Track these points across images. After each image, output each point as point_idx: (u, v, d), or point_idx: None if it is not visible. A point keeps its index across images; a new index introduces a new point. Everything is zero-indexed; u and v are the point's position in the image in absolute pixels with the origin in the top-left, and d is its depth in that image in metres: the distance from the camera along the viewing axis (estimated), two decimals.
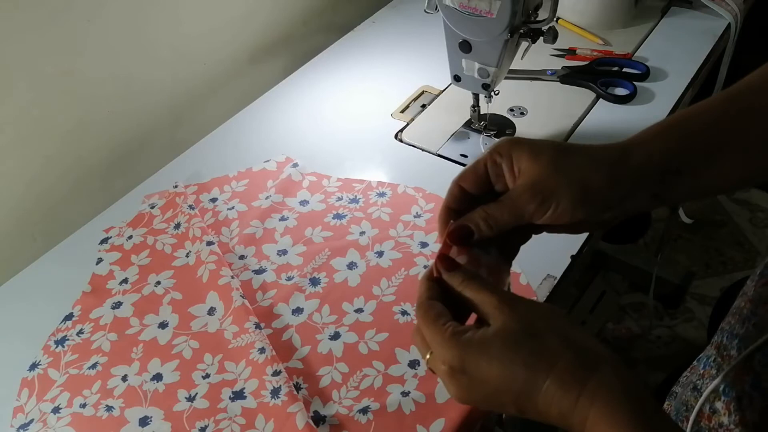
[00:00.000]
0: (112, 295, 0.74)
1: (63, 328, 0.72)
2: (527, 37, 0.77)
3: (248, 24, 1.05)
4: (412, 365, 0.65)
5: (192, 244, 0.78)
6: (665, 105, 0.92)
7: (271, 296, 0.72)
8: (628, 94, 0.93)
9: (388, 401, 0.62)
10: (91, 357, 0.68)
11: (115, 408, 0.64)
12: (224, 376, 0.65)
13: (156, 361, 0.68)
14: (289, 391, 0.62)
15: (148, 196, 0.86)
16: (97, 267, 0.78)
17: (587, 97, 0.95)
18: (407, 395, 0.62)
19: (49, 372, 0.68)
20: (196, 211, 0.82)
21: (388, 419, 0.61)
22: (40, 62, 0.78)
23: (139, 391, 0.65)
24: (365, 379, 0.64)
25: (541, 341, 0.38)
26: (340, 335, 0.68)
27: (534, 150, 0.45)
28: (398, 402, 0.62)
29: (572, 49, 1.04)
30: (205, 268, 0.75)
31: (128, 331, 0.71)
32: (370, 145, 0.92)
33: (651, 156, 0.45)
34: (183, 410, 0.63)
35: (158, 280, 0.76)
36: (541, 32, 0.76)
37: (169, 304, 0.73)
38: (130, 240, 0.80)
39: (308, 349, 0.67)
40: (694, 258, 1.64)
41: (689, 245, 1.66)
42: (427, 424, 0.60)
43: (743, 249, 1.65)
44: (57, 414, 0.64)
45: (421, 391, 0.63)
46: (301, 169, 0.87)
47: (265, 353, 0.65)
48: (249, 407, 0.63)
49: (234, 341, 0.68)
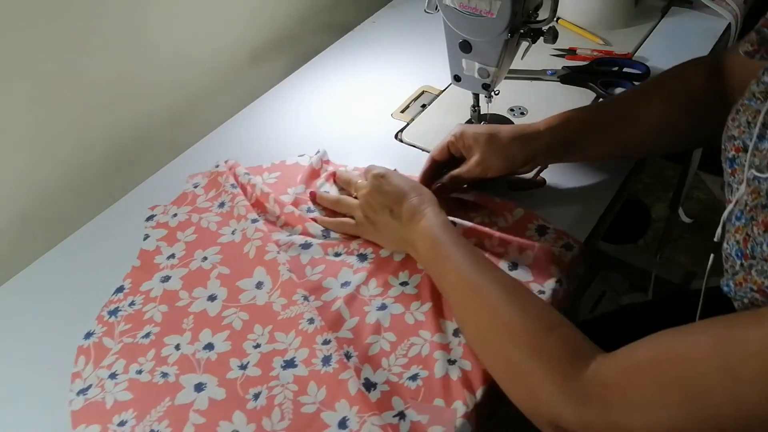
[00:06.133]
0: (161, 269, 0.77)
1: (115, 299, 0.74)
2: (527, 37, 0.77)
3: (248, 24, 1.05)
4: (456, 334, 0.67)
5: (237, 222, 0.80)
6: None
7: (320, 271, 0.75)
8: None
9: (435, 368, 0.64)
10: (144, 327, 0.71)
11: (170, 374, 0.66)
12: (275, 346, 0.67)
13: (207, 331, 0.70)
14: (340, 359, 0.64)
15: (192, 176, 0.88)
16: (144, 243, 0.80)
17: (587, 97, 0.95)
18: (454, 363, 0.65)
19: (104, 341, 0.70)
20: (239, 190, 0.83)
21: (436, 385, 0.63)
22: (40, 63, 0.78)
23: (192, 359, 0.68)
24: (413, 348, 0.66)
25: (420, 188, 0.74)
26: (387, 306, 0.70)
27: (475, 137, 0.76)
28: (445, 369, 0.64)
29: (572, 49, 1.04)
30: (251, 245, 0.77)
31: (178, 303, 0.73)
32: (370, 145, 0.92)
33: (549, 139, 0.75)
34: (236, 377, 0.65)
35: (205, 255, 0.78)
36: (542, 32, 0.76)
37: (217, 279, 0.75)
38: (175, 218, 0.83)
39: (356, 320, 0.69)
40: (694, 258, 1.63)
41: (689, 245, 1.66)
42: (474, 390, 0.63)
43: None
44: (114, 380, 0.67)
45: (466, 358, 0.65)
46: (323, 156, 0.89)
47: (314, 323, 0.67)
48: (300, 375, 0.65)
49: (283, 313, 0.70)
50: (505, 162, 0.76)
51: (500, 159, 0.75)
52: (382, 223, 0.74)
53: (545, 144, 0.75)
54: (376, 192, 0.74)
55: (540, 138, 0.76)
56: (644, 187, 1.80)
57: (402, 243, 0.73)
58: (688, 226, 1.69)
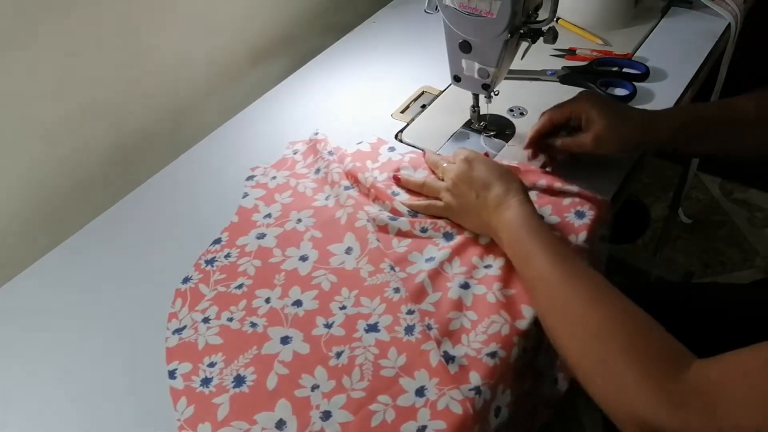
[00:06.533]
0: (257, 226, 0.81)
1: (212, 250, 0.79)
2: (527, 37, 0.77)
3: (248, 24, 1.05)
4: (535, 322, 0.68)
5: (331, 188, 0.83)
6: (665, 105, 0.92)
7: (405, 244, 0.76)
8: (628, 94, 0.93)
9: (512, 352, 0.66)
10: (238, 278, 0.75)
11: (258, 325, 0.70)
12: (360, 310, 0.70)
13: (296, 288, 0.73)
14: (423, 330, 0.66)
15: (293, 142, 0.92)
16: (243, 200, 0.84)
17: None
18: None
19: (199, 287, 0.75)
20: (335, 157, 0.86)
21: (512, 365, 0.65)
22: (40, 62, 0.78)
23: (280, 313, 0.71)
24: (493, 326, 0.67)
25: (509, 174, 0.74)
26: (470, 286, 0.71)
27: (602, 112, 0.76)
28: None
29: (572, 49, 1.04)
30: (343, 211, 0.80)
31: (271, 259, 0.76)
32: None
33: (667, 129, 0.77)
34: (321, 335, 0.68)
35: (299, 218, 0.81)
36: (541, 32, 0.77)
37: (309, 241, 0.78)
38: (274, 180, 0.87)
39: (439, 295, 0.70)
40: (693, 258, 1.64)
41: (688, 245, 1.66)
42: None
43: (742, 249, 1.65)
44: (207, 324, 0.71)
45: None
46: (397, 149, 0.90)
47: (399, 293, 0.69)
48: (382, 339, 0.67)
49: (369, 279, 0.72)
50: (619, 144, 0.77)
51: (618, 141, 0.76)
52: (468, 208, 0.74)
53: (661, 138, 0.77)
54: (463, 176, 0.75)
55: (660, 130, 0.77)
56: (644, 187, 1.80)
57: (487, 229, 0.74)
58: (687, 226, 1.69)
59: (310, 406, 0.62)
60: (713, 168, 1.79)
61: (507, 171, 0.75)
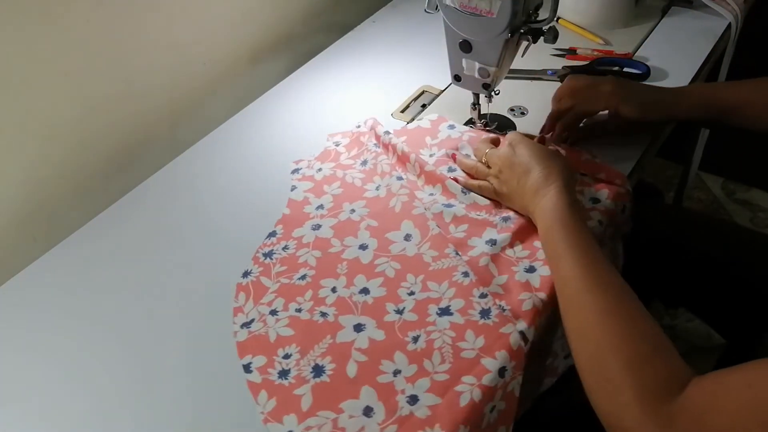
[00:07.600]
0: (311, 218, 0.80)
1: (268, 243, 0.78)
2: (527, 36, 0.77)
3: (248, 24, 1.05)
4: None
5: (381, 178, 0.83)
6: None
7: (463, 229, 0.76)
8: None
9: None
10: (299, 269, 0.74)
11: (329, 314, 0.69)
12: (429, 294, 0.70)
13: (361, 277, 0.72)
14: (499, 313, 0.66)
15: (332, 134, 0.92)
16: (292, 193, 0.84)
17: None
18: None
19: (261, 280, 0.74)
20: (381, 149, 0.86)
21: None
22: (39, 63, 0.78)
23: (349, 301, 0.70)
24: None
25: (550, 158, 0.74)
26: (536, 269, 0.71)
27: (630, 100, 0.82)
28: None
29: (573, 48, 1.04)
30: (397, 200, 0.80)
31: (330, 249, 0.76)
32: None
33: (689, 107, 0.82)
34: (394, 321, 0.68)
35: (353, 208, 0.81)
36: (542, 32, 0.76)
37: (366, 230, 0.78)
38: (320, 172, 0.86)
39: (506, 278, 0.70)
40: None
41: None
42: None
43: None
44: (275, 316, 0.70)
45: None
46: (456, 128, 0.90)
47: (469, 277, 0.69)
48: (457, 323, 0.66)
49: (434, 264, 0.72)
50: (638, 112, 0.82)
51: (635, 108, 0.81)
52: (511, 193, 0.75)
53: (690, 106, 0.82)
54: (506, 160, 0.75)
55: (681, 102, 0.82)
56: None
57: (528, 213, 0.73)
58: None
59: (395, 391, 0.61)
60: (715, 167, 1.79)
61: (550, 155, 0.74)
